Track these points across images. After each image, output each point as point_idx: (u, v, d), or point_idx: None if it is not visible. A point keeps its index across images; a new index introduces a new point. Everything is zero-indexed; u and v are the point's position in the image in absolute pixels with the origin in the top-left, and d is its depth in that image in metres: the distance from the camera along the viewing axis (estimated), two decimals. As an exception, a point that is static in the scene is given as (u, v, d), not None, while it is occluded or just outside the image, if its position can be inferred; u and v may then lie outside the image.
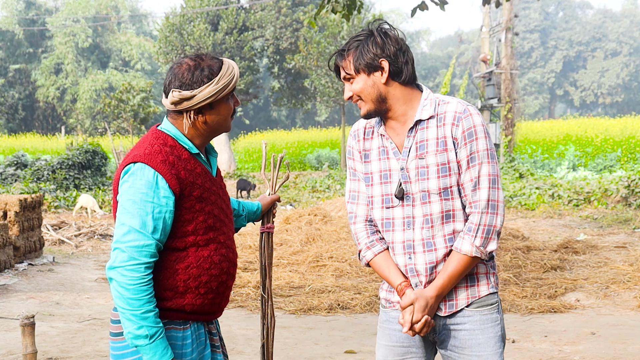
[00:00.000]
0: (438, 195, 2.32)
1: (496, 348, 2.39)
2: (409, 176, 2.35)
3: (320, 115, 53.33)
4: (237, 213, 2.76)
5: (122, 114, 28.28)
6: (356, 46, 2.35)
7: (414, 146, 2.35)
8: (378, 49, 2.32)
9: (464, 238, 2.32)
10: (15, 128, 47.36)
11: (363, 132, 2.48)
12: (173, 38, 30.44)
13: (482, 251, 2.31)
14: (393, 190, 2.38)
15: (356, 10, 8.75)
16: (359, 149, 2.48)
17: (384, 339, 2.49)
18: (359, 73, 2.34)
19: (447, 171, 2.32)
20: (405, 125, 2.38)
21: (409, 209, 2.37)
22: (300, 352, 5.44)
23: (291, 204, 16.61)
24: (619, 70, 59.44)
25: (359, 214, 2.48)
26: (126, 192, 2.21)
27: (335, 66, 2.42)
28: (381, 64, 2.33)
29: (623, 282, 7.44)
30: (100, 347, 5.53)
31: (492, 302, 2.42)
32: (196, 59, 2.28)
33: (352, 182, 2.51)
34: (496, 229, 2.33)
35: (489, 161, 2.32)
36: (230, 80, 2.28)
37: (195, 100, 2.25)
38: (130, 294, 2.14)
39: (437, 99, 2.38)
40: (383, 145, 2.41)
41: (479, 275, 2.41)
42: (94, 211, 13.98)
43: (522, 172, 20.33)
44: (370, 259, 2.44)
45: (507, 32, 23.06)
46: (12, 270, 8.46)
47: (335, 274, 8.08)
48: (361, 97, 2.36)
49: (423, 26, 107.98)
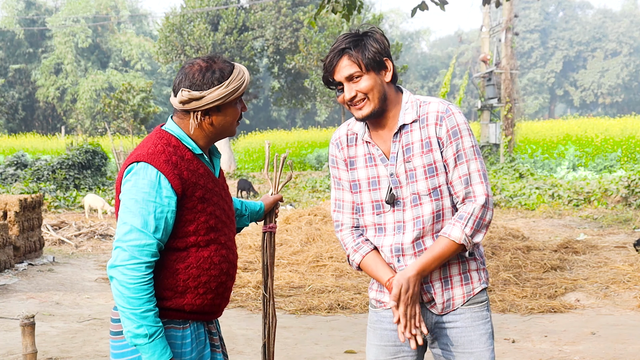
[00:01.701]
0: (428, 197, 2.33)
1: (488, 345, 2.41)
2: (399, 181, 2.36)
3: (320, 115, 53.34)
4: (240, 213, 2.77)
5: (122, 114, 28.28)
6: (358, 44, 2.30)
7: (400, 151, 2.35)
8: (380, 47, 2.31)
9: (455, 224, 2.31)
10: (15, 128, 47.37)
11: (346, 139, 2.46)
12: (173, 38, 30.46)
13: (470, 240, 2.31)
14: (383, 196, 2.38)
15: (356, 10, 8.76)
16: (344, 157, 2.46)
17: (375, 339, 2.50)
18: (369, 71, 2.30)
19: (434, 171, 2.33)
20: (391, 131, 2.38)
21: (399, 214, 2.38)
22: (300, 352, 5.45)
23: (291, 204, 16.60)
24: (619, 70, 59.46)
25: (344, 222, 2.49)
26: (129, 191, 2.21)
27: (331, 66, 2.32)
28: (386, 63, 2.33)
29: (623, 282, 7.44)
30: (100, 347, 5.53)
31: (483, 299, 2.44)
32: (208, 61, 2.29)
33: (337, 191, 2.50)
34: (485, 223, 2.34)
35: (476, 157, 2.34)
36: (240, 85, 2.29)
37: (204, 102, 2.26)
38: (131, 292, 2.14)
39: (417, 100, 2.38)
40: (369, 152, 2.41)
41: (471, 272, 2.42)
42: (105, 212, 13.89)
43: (522, 172, 20.33)
44: (359, 261, 2.44)
45: (507, 32, 23.06)
46: (12, 270, 8.46)
47: (335, 274, 8.08)
48: (368, 95, 2.32)
49: (423, 26, 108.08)
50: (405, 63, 45.74)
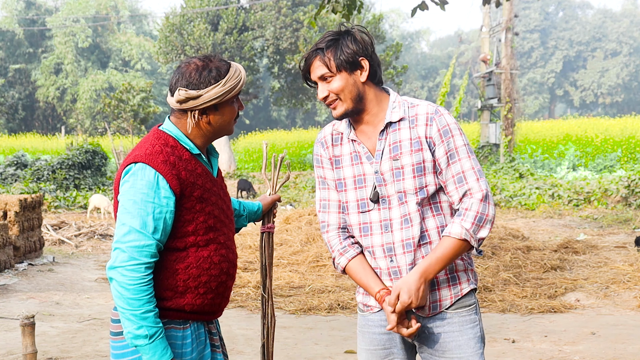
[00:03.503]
0: (414, 195, 2.32)
1: (476, 349, 2.38)
2: (384, 179, 2.34)
3: (320, 115, 53.34)
4: (238, 213, 2.77)
5: (122, 114, 28.28)
6: (333, 44, 2.31)
7: (387, 148, 2.34)
8: (358, 47, 2.30)
9: (454, 222, 2.30)
10: (15, 128, 47.37)
11: (331, 138, 2.46)
12: (173, 38, 30.44)
13: (472, 236, 2.28)
14: (368, 194, 2.37)
15: (356, 10, 8.76)
16: (329, 156, 2.46)
17: (365, 343, 2.48)
18: (340, 71, 2.30)
19: (422, 170, 2.31)
20: (376, 128, 2.37)
21: (385, 212, 2.35)
22: (300, 352, 5.45)
23: (291, 204, 16.60)
24: (619, 70, 59.46)
25: (331, 222, 2.47)
26: (127, 192, 2.21)
27: (307, 66, 2.35)
28: (362, 62, 2.31)
29: (623, 282, 7.44)
30: (100, 347, 5.53)
31: (470, 303, 2.40)
32: (205, 60, 2.29)
33: (322, 190, 2.49)
34: (489, 218, 2.30)
35: (469, 155, 2.32)
36: (236, 84, 2.29)
37: (201, 101, 2.26)
38: (130, 294, 2.14)
39: (405, 101, 2.38)
40: (355, 150, 2.40)
41: (459, 273, 2.39)
42: (109, 212, 13.87)
43: (522, 172, 20.33)
44: (344, 265, 2.42)
45: (507, 32, 23.06)
46: (12, 270, 8.46)
47: (335, 274, 8.08)
48: (340, 96, 2.32)
49: (423, 26, 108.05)
50: (405, 63, 45.68)
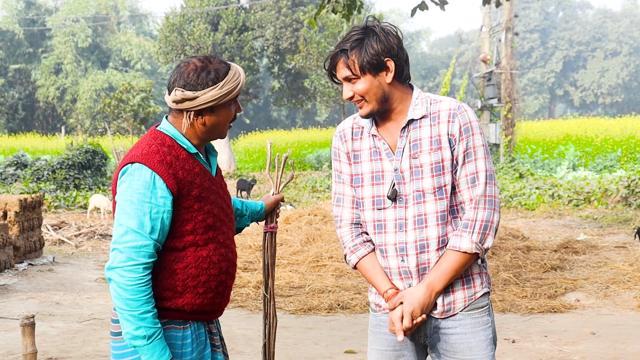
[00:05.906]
0: (433, 195, 2.28)
1: (488, 351, 2.36)
2: (403, 177, 2.31)
3: (320, 115, 53.33)
4: (241, 213, 2.75)
5: (122, 114, 28.30)
6: (357, 45, 2.25)
7: (407, 146, 2.31)
8: (383, 47, 2.24)
9: (462, 235, 2.27)
10: (15, 128, 47.34)
11: (351, 132, 2.43)
12: (173, 38, 30.44)
13: (481, 247, 2.27)
14: (385, 191, 2.33)
15: (356, 10, 8.76)
16: (347, 150, 2.42)
17: (376, 344, 2.47)
18: (364, 74, 2.26)
19: (440, 170, 2.28)
20: (398, 125, 2.34)
21: (401, 211, 2.32)
22: (300, 352, 5.44)
23: (291, 204, 16.59)
24: (619, 70, 59.45)
25: (344, 217, 2.44)
26: (124, 192, 2.20)
27: (331, 66, 2.32)
28: (387, 63, 2.26)
29: (623, 282, 7.44)
30: (100, 347, 5.53)
31: (483, 304, 2.38)
32: (204, 61, 2.27)
33: (338, 184, 2.46)
34: (494, 225, 2.29)
35: (484, 157, 2.29)
36: (234, 87, 2.27)
37: (197, 102, 2.24)
38: (129, 294, 2.14)
39: (428, 97, 2.35)
40: (375, 146, 2.36)
41: (474, 275, 2.37)
42: (109, 212, 13.85)
43: (522, 172, 20.32)
44: (355, 262, 2.42)
45: (507, 32, 23.06)
46: (12, 270, 8.46)
47: (335, 274, 8.08)
48: (365, 97, 2.29)
49: (423, 26, 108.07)
50: (405, 63, 45.57)
